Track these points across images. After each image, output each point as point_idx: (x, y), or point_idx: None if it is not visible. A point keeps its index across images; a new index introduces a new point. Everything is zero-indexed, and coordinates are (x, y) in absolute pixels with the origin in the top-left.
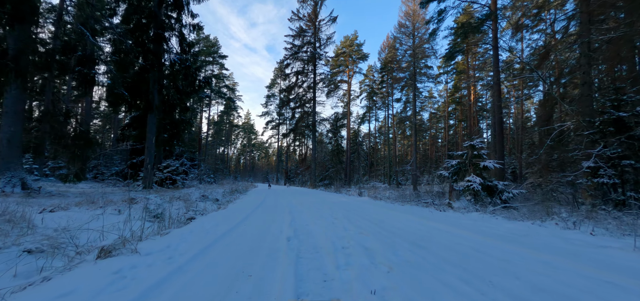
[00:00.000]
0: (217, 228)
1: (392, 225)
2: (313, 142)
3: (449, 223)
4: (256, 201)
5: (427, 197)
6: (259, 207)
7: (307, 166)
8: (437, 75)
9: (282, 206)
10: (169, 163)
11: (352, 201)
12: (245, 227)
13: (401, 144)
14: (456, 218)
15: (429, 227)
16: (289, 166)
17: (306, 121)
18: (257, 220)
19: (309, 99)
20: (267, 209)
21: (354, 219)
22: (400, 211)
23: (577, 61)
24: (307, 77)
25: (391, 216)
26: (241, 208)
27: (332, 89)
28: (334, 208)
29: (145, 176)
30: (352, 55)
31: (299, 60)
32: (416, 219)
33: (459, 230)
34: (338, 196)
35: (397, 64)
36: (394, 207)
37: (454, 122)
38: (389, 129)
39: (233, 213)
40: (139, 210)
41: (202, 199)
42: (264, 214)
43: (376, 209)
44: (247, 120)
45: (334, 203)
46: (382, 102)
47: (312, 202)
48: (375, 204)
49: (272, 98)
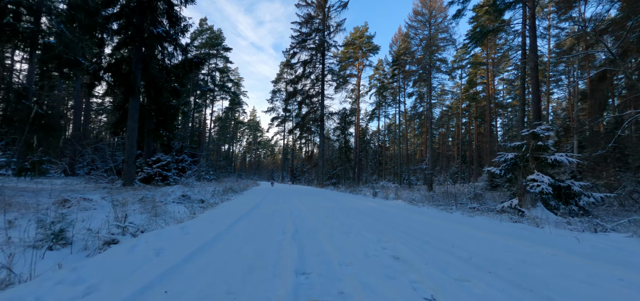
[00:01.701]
0: (123, 283)
1: (479, 255)
2: (321, 137)
3: (567, 250)
4: (248, 204)
5: (462, 199)
6: (246, 216)
7: (314, 163)
8: (451, 69)
9: (281, 214)
10: (159, 157)
11: (378, 207)
12: (189, 273)
13: (411, 142)
14: (562, 238)
15: (555, 261)
16: (294, 164)
17: (314, 114)
18: (227, 250)
19: (316, 93)
20: (258, 222)
21: (413, 244)
22: (461, 223)
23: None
24: (315, 69)
25: (457, 233)
26: (221, 217)
27: (341, 83)
28: (365, 220)
29: (126, 171)
30: (362, 47)
31: (306, 49)
32: (503, 239)
33: (608, 266)
34: (354, 198)
35: (411, 56)
36: (442, 216)
37: (465, 121)
38: (399, 126)
39: (202, 228)
40: (48, 219)
41: (180, 200)
42: (249, 231)
43: (423, 220)
44: (252, 117)
45: (358, 211)
46: (392, 98)
47: (326, 208)
48: (410, 210)
49: (278, 93)
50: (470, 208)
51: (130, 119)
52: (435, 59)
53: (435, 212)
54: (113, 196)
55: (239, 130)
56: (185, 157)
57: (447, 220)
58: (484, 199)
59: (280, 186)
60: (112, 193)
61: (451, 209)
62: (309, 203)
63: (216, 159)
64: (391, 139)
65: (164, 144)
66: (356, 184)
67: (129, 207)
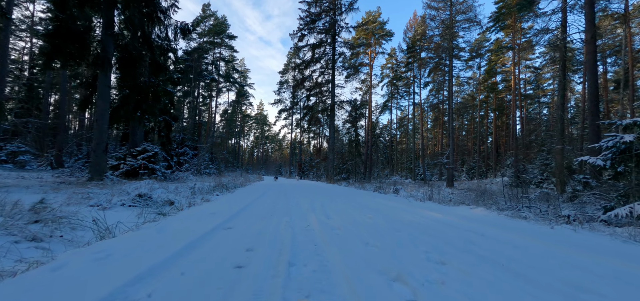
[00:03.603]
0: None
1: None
2: (331, 128)
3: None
4: (223, 214)
5: (511, 199)
6: (182, 256)
7: (323, 157)
8: (469, 58)
9: (265, 260)
10: (146, 147)
11: (444, 219)
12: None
13: (423, 136)
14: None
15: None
16: (302, 158)
17: (323, 104)
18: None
19: (325, 81)
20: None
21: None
22: (596, 251)
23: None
24: (325, 53)
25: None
26: (141, 252)
27: (352, 72)
28: (429, 249)
29: (93, 162)
30: (375, 33)
31: (315, 31)
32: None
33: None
34: (383, 199)
35: (428, 41)
36: (543, 234)
37: (481, 113)
38: (414, 118)
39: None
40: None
41: (134, 203)
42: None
43: (536, 249)
44: (260, 111)
45: (422, 231)
46: (405, 89)
47: (366, 227)
48: (490, 223)
49: (285, 85)
50: (561, 217)
51: (100, 99)
52: (454, 45)
53: (524, 226)
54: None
55: (246, 124)
56: (186, 150)
57: (564, 243)
58: (581, 203)
59: (286, 182)
60: (59, 189)
61: (529, 217)
62: (327, 209)
63: (219, 152)
64: (402, 133)
65: (162, 136)
66: (368, 179)
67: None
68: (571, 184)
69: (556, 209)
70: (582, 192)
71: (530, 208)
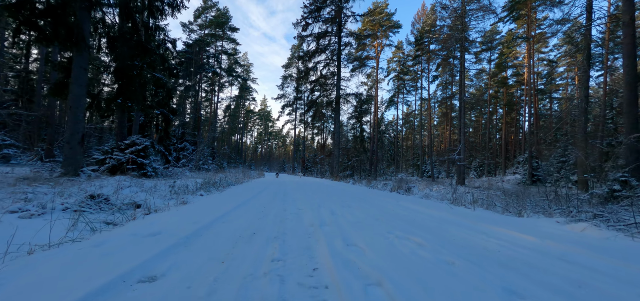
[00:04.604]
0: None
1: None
2: (336, 122)
3: None
4: (187, 228)
5: (558, 201)
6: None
7: (328, 153)
8: (478, 52)
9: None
10: (134, 140)
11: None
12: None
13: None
14: None
15: None
16: (306, 155)
17: (327, 97)
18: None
19: (330, 74)
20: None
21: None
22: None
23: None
24: (330, 44)
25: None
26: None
27: (357, 66)
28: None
29: (67, 155)
30: (382, 24)
31: (320, 20)
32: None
33: None
34: (403, 200)
35: (437, 33)
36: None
37: (489, 109)
38: (421, 114)
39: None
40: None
41: (84, 205)
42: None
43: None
44: (263, 106)
45: (486, 259)
46: (412, 84)
47: (395, 255)
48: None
49: (288, 79)
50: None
51: (74, 83)
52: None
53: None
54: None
55: (249, 120)
56: (186, 145)
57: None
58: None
59: (288, 179)
60: (14, 185)
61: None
62: (342, 222)
63: (220, 147)
64: (408, 129)
65: (160, 130)
66: (374, 176)
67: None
68: (607, 183)
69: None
70: (620, 192)
71: (575, 211)
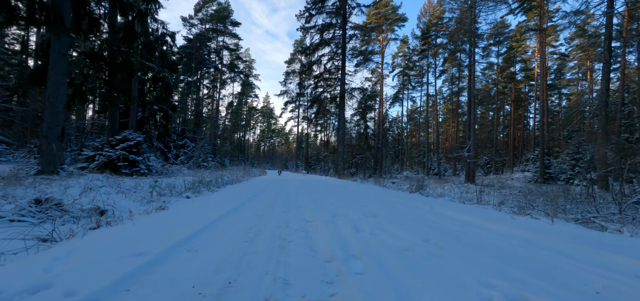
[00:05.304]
0: None
1: None
2: (341, 118)
3: None
4: (118, 269)
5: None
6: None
7: (332, 150)
8: (485, 46)
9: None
10: (126, 136)
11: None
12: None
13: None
14: None
15: None
16: (309, 152)
17: (331, 93)
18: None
19: (335, 68)
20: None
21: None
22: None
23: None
24: (334, 37)
25: None
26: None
27: (362, 61)
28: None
29: (45, 151)
30: (388, 17)
31: (324, 12)
32: None
33: None
34: (438, 206)
35: (445, 26)
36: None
37: (495, 106)
38: (427, 110)
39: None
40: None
41: (25, 213)
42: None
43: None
44: (266, 103)
45: None
46: (417, 80)
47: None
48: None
49: (291, 75)
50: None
51: (52, 70)
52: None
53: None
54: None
55: (252, 117)
56: (187, 142)
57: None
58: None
59: (291, 177)
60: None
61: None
62: (384, 254)
63: (223, 145)
64: (412, 126)
65: (159, 126)
66: (379, 174)
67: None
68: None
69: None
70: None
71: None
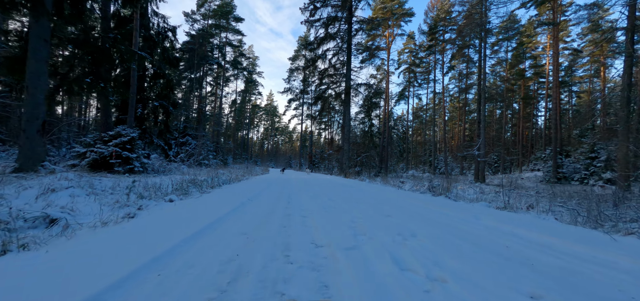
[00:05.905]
0: None
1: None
2: (346, 115)
3: None
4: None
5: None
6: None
7: (336, 148)
8: (494, 42)
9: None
10: (119, 131)
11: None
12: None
13: (440, 127)
14: None
15: None
16: (313, 150)
17: (337, 89)
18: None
19: (341, 64)
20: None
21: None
22: None
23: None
24: (340, 31)
25: None
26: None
27: (367, 57)
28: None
29: (24, 146)
30: (394, 12)
31: (329, 5)
32: None
33: None
34: (455, 208)
35: (453, 21)
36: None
37: (502, 104)
38: (434, 107)
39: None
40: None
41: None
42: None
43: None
44: (269, 101)
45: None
46: (424, 77)
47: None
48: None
49: (295, 72)
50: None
51: (32, 57)
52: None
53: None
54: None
55: (256, 115)
56: (188, 139)
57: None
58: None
59: (295, 176)
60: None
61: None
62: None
63: (226, 143)
64: (418, 124)
65: (160, 123)
66: (385, 173)
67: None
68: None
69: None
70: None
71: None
